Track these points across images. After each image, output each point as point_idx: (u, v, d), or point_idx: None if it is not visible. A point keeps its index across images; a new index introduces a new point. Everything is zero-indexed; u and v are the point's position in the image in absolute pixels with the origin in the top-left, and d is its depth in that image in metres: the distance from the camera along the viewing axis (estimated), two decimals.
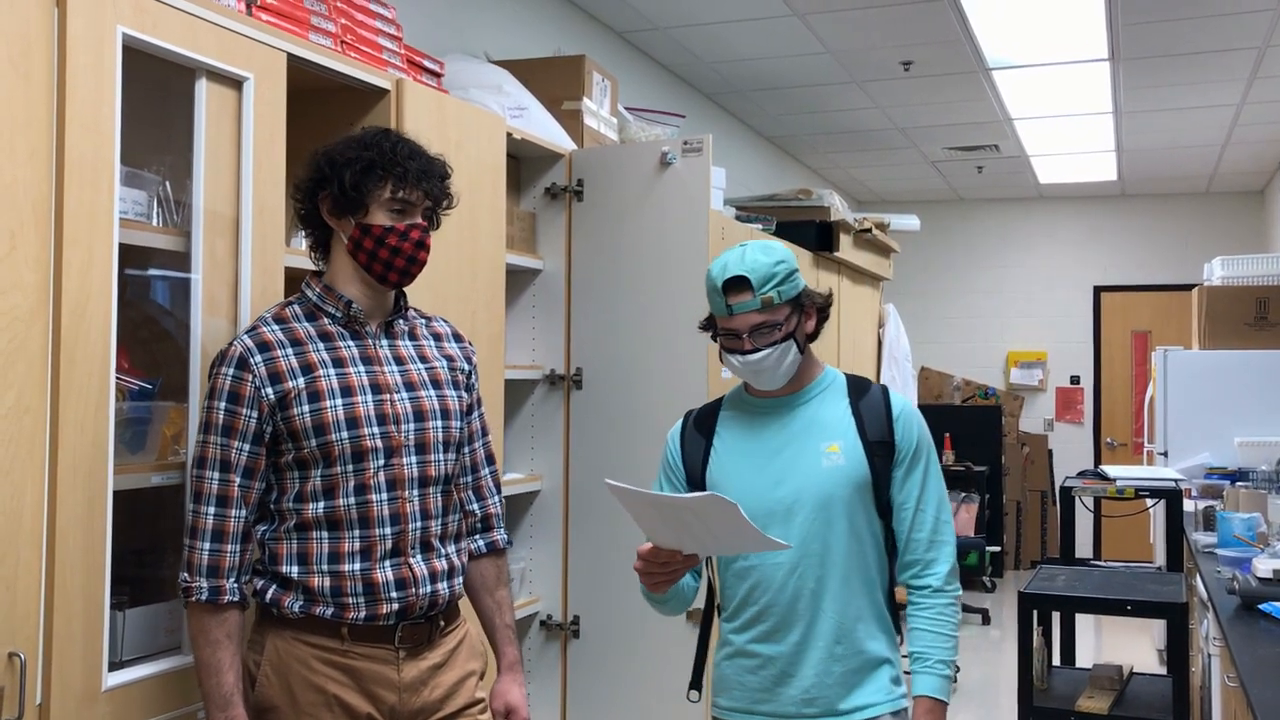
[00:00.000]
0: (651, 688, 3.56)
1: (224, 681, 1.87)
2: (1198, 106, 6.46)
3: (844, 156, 8.03)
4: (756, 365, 2.06)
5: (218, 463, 1.90)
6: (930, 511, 2.10)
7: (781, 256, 2.06)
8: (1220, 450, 5.66)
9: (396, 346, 2.08)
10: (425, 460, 2.04)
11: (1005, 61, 5.64)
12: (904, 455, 2.10)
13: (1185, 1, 4.72)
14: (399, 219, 2.00)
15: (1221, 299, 5.95)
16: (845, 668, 2.06)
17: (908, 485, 2.10)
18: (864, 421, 2.09)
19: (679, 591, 2.17)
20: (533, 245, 3.66)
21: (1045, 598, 3.62)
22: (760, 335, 2.05)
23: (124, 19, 1.92)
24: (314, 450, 1.93)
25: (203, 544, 1.88)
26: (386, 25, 2.77)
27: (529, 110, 3.45)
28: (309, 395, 1.93)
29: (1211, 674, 3.45)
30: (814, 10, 4.88)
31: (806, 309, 2.11)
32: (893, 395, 2.14)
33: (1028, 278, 9.58)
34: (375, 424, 1.97)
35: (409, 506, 2.00)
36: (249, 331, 1.97)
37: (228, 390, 1.91)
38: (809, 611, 2.06)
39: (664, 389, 3.56)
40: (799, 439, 2.10)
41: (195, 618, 1.88)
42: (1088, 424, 9.44)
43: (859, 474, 2.07)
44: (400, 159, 1.99)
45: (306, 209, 2.04)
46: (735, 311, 2.05)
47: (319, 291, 2.03)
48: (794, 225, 5.06)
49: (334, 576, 1.93)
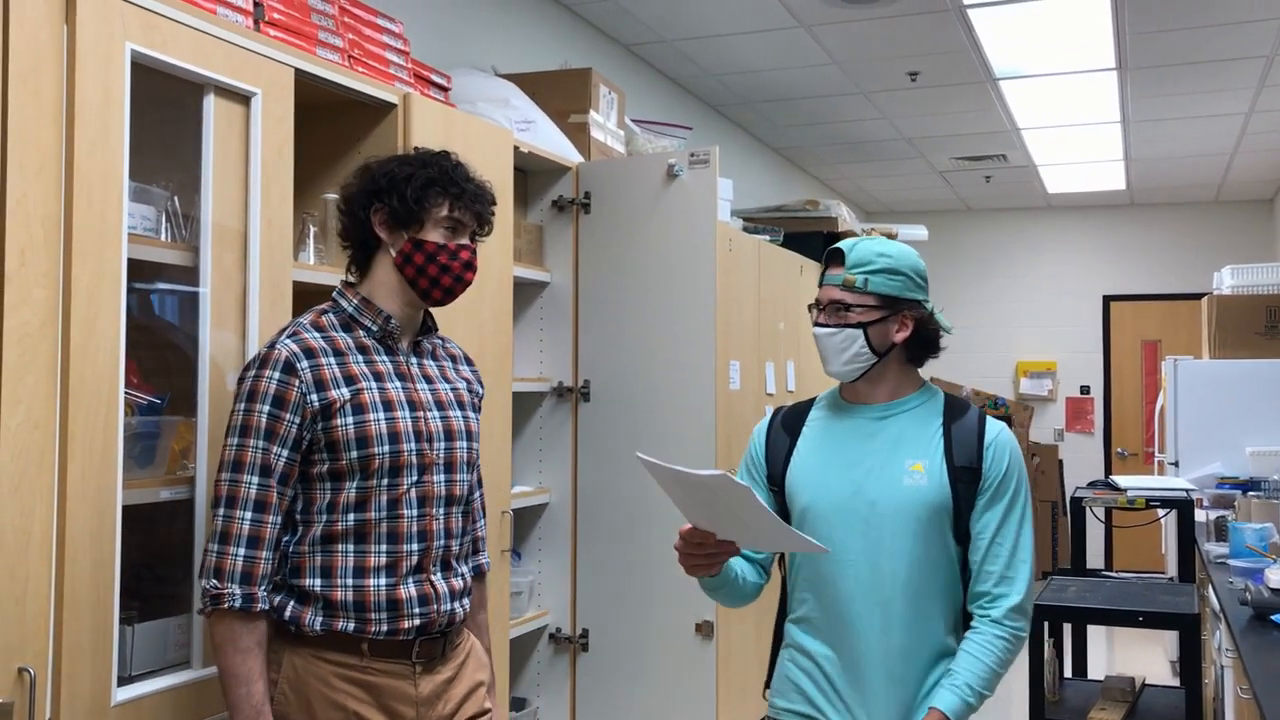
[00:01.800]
0: (662, 701, 3.55)
1: (254, 691, 1.84)
2: (1206, 115, 6.45)
3: (851, 167, 8.03)
4: (821, 341, 2.06)
5: (257, 467, 1.87)
6: (1007, 545, 2.00)
7: (889, 251, 2.03)
8: (1231, 460, 5.63)
9: (424, 365, 2.09)
10: (452, 479, 2.05)
11: (1012, 71, 5.64)
12: (989, 483, 2.00)
13: (1193, 10, 4.72)
14: (451, 237, 2.02)
15: (1231, 308, 5.93)
16: (905, 691, 1.99)
17: (988, 515, 2.00)
18: (953, 444, 2.02)
19: (730, 582, 2.08)
20: (540, 258, 3.67)
21: (1056, 609, 3.60)
22: (832, 312, 2.04)
23: (133, 36, 1.93)
24: (353, 462, 1.92)
25: (236, 549, 1.85)
26: (394, 40, 2.78)
27: (536, 123, 3.46)
28: (353, 407, 1.93)
29: (1225, 686, 3.43)
30: (820, 21, 4.89)
31: (901, 316, 2.05)
32: (989, 422, 2.06)
33: (1036, 287, 9.56)
34: (413, 440, 1.98)
35: (435, 524, 2.01)
36: (291, 336, 1.94)
37: (272, 394, 1.88)
38: (871, 628, 2.00)
39: (672, 401, 3.56)
40: (884, 452, 2.04)
41: (224, 625, 1.84)
42: (1098, 434, 9.41)
43: (940, 497, 1.99)
44: (458, 180, 2.02)
45: (354, 220, 2.04)
46: (823, 282, 2.07)
47: (356, 303, 2.02)
48: (801, 236, 5.06)
49: (358, 591, 1.93)
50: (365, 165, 2.06)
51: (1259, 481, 5.33)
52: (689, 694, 3.53)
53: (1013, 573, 1.99)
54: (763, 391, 4.33)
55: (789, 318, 4.68)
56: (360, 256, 2.06)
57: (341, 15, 2.60)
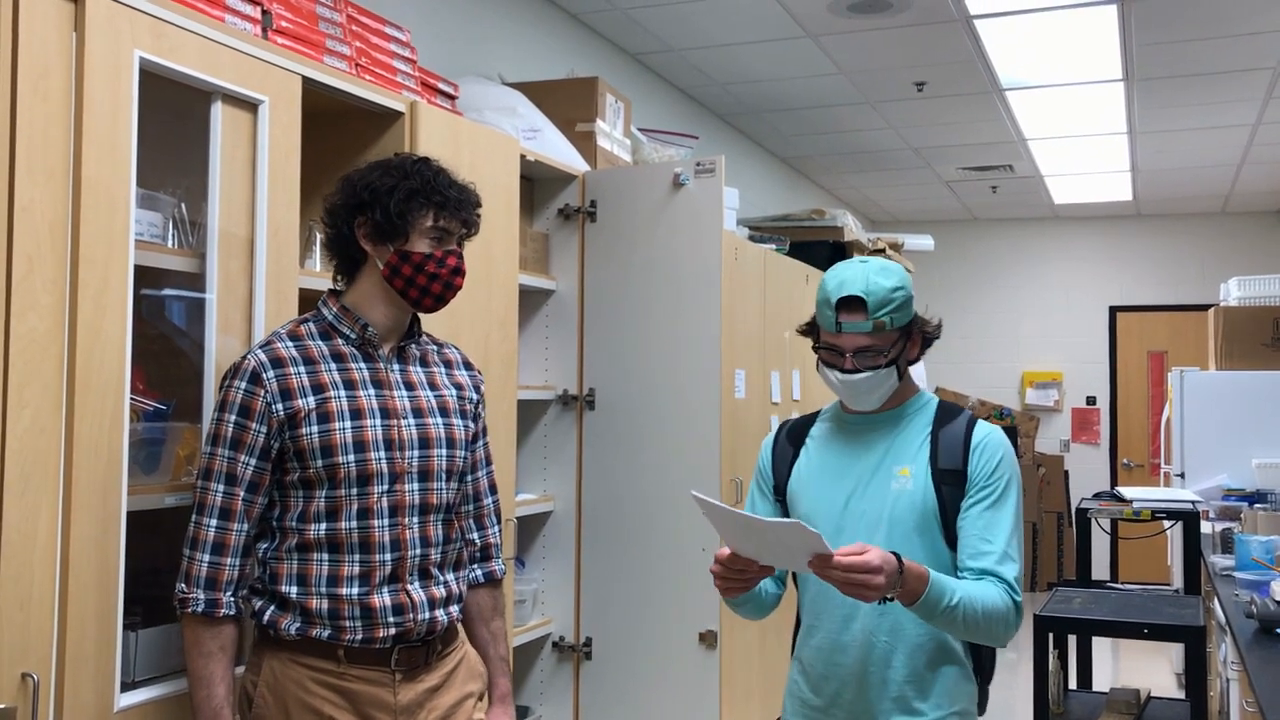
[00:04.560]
0: (665, 710, 3.54)
1: (214, 694, 1.86)
2: (1213, 127, 6.45)
3: (858, 177, 8.04)
4: (854, 386, 2.02)
5: (223, 475, 1.90)
6: (998, 545, 1.96)
7: (901, 282, 2.01)
8: (1238, 472, 5.62)
9: (408, 371, 2.08)
10: (428, 488, 2.04)
11: (1019, 82, 5.64)
12: (975, 485, 2.00)
13: (1200, 22, 4.72)
14: (437, 246, 2.02)
15: (1238, 319, 5.92)
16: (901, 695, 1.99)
17: (973, 513, 1.99)
18: (939, 448, 2.03)
19: (755, 596, 2.11)
20: (546, 266, 3.67)
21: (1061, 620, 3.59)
22: (864, 357, 2.01)
23: (141, 43, 1.94)
24: (320, 471, 1.94)
25: (202, 555, 1.88)
26: (401, 48, 2.79)
27: (542, 132, 3.46)
28: (319, 416, 1.94)
29: (1230, 698, 3.41)
30: (827, 31, 4.89)
31: (913, 336, 2.07)
32: (978, 425, 2.06)
33: (1043, 298, 9.55)
34: (382, 449, 1.98)
35: (409, 533, 2.00)
36: (263, 346, 1.97)
37: (239, 404, 1.92)
38: (868, 636, 2.01)
39: (677, 410, 3.56)
40: (876, 460, 2.06)
41: (189, 629, 1.88)
42: (1104, 445, 9.38)
43: (924, 501, 2.00)
44: (441, 188, 2.01)
45: (338, 233, 2.04)
46: (844, 330, 2.00)
47: (335, 312, 2.04)
48: (808, 245, 5.07)
49: (332, 599, 1.94)
50: (346, 176, 2.05)
51: (1265, 493, 5.32)
52: (692, 703, 3.52)
53: (1003, 568, 1.95)
54: (768, 400, 4.33)
55: (794, 327, 4.67)
56: (346, 266, 2.07)
57: (349, 24, 2.61)
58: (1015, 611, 1.93)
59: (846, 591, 1.76)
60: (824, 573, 1.75)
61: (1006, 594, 1.93)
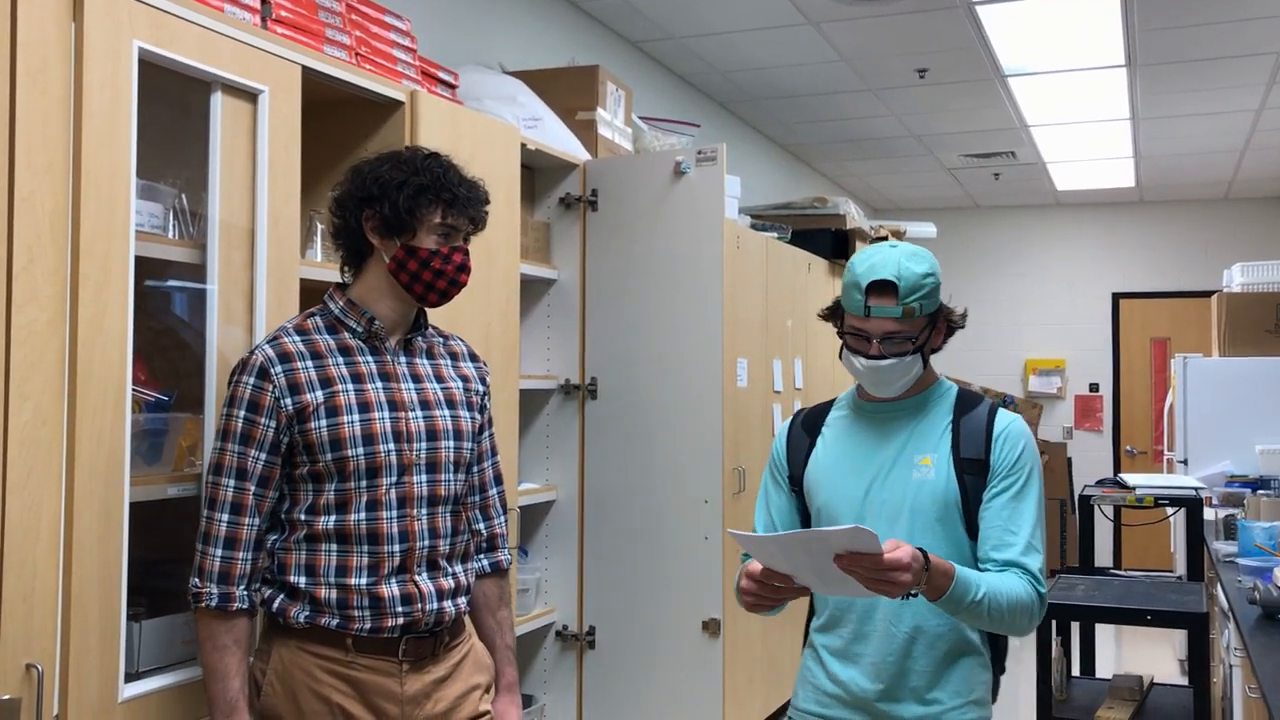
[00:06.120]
0: (669, 698, 3.55)
1: (229, 687, 1.88)
2: (1216, 112, 6.42)
3: (860, 164, 8.02)
4: (879, 372, 2.00)
5: (234, 470, 1.91)
6: (1022, 536, 1.94)
7: (931, 269, 1.99)
8: (1241, 458, 5.61)
9: (414, 364, 2.08)
10: (435, 479, 2.04)
11: (1021, 68, 5.62)
12: (997, 475, 1.97)
13: (1202, 7, 4.70)
14: (444, 242, 2.02)
15: (1241, 305, 5.91)
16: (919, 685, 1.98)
17: (996, 504, 1.96)
18: (960, 437, 2.01)
19: None
20: (547, 255, 3.67)
21: (1064, 607, 3.59)
22: (891, 343, 1.98)
23: (140, 33, 1.93)
24: (329, 464, 1.94)
25: (215, 550, 1.89)
26: (401, 37, 2.78)
27: (543, 121, 3.46)
28: (327, 410, 1.94)
29: (1233, 684, 3.42)
30: (829, 18, 4.88)
31: (939, 324, 2.05)
32: (1000, 414, 2.04)
33: (1046, 285, 9.54)
34: (390, 440, 1.98)
35: (417, 525, 2.01)
36: (270, 341, 1.98)
37: (248, 399, 1.92)
38: (888, 626, 1.99)
39: (679, 398, 3.56)
40: (896, 448, 2.03)
41: (204, 623, 1.90)
42: (1107, 432, 9.38)
43: (947, 490, 1.97)
44: (450, 185, 2.01)
45: (345, 224, 2.04)
46: (873, 314, 1.97)
47: (342, 305, 2.04)
48: (810, 233, 5.06)
49: (340, 589, 1.94)
50: (355, 167, 2.05)
51: (1268, 480, 5.31)
52: (696, 691, 3.53)
53: (1027, 559, 1.94)
54: (770, 389, 4.33)
55: (796, 315, 4.67)
56: (352, 258, 2.07)
57: (349, 13, 2.60)
58: (1040, 603, 1.93)
59: (873, 588, 1.74)
60: (852, 569, 1.72)
61: (1031, 585, 1.92)
